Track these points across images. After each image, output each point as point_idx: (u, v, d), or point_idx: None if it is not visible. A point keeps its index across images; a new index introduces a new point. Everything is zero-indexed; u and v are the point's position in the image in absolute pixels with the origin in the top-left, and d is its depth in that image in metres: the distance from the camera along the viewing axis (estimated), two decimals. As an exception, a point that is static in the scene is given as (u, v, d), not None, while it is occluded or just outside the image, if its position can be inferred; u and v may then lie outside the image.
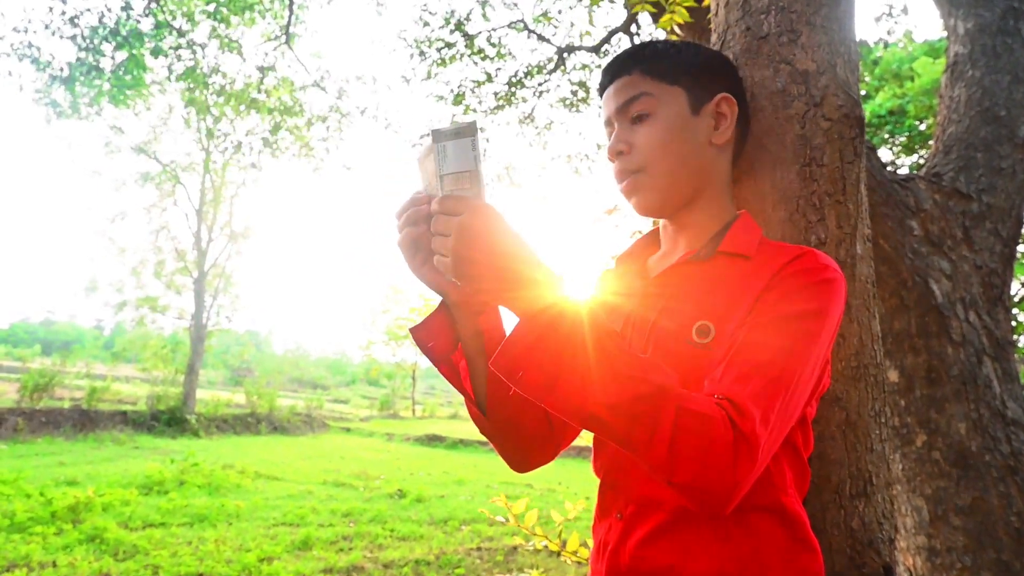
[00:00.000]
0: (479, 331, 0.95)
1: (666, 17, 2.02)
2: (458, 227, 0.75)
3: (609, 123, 1.03)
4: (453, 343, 0.96)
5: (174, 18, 7.01)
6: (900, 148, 9.34)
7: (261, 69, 7.78)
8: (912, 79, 8.86)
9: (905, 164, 9.42)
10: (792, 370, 0.78)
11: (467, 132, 0.79)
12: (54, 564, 4.59)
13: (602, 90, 1.05)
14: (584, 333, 0.73)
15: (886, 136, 9.00)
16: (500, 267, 0.75)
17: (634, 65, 1.00)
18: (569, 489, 10.25)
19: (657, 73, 0.98)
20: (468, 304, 0.93)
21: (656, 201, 0.99)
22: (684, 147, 0.97)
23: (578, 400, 0.73)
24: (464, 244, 0.75)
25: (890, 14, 6.79)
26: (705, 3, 1.91)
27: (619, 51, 1.11)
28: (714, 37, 1.26)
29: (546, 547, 1.94)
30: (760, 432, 0.72)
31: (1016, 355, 2.23)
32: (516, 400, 0.98)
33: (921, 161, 9.24)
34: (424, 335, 0.95)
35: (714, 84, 1.00)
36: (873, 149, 2.10)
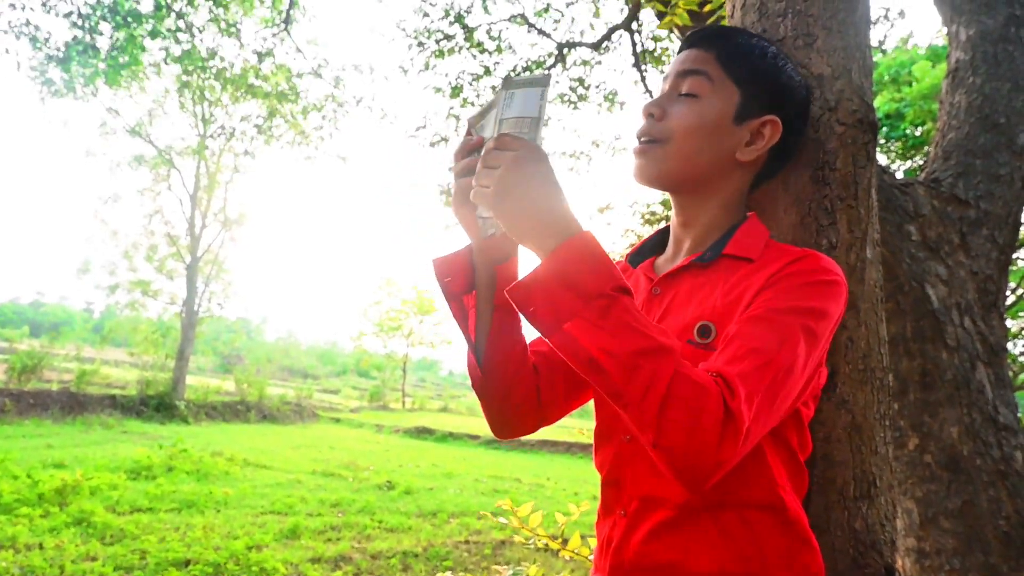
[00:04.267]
0: (493, 280, 0.97)
1: (667, 20, 2.03)
2: (511, 160, 0.77)
3: (665, 81, 1.03)
4: (469, 285, 0.99)
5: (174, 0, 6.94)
6: (895, 153, 9.39)
7: (259, 55, 7.73)
8: (910, 84, 8.90)
9: (900, 169, 9.47)
10: (783, 360, 0.78)
11: (541, 82, 0.82)
12: (40, 546, 4.57)
13: (681, 51, 1.04)
14: (599, 283, 0.75)
15: (882, 140, 9.04)
16: (537, 207, 0.77)
17: (714, 44, 1.00)
18: (558, 484, 10.29)
19: (729, 64, 0.98)
20: (491, 251, 0.95)
21: (653, 173, 0.99)
22: (707, 144, 0.97)
23: (582, 342, 0.73)
24: (510, 178, 0.77)
25: (886, 18, 6.80)
26: (706, 9, 1.91)
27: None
28: None
29: (545, 543, 1.95)
30: (745, 411, 0.72)
31: (1008, 361, 2.26)
32: (512, 363, 1.01)
33: (916, 166, 9.29)
34: (444, 269, 0.98)
35: (772, 103, 0.99)
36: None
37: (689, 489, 0.74)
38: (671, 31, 2.21)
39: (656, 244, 1.11)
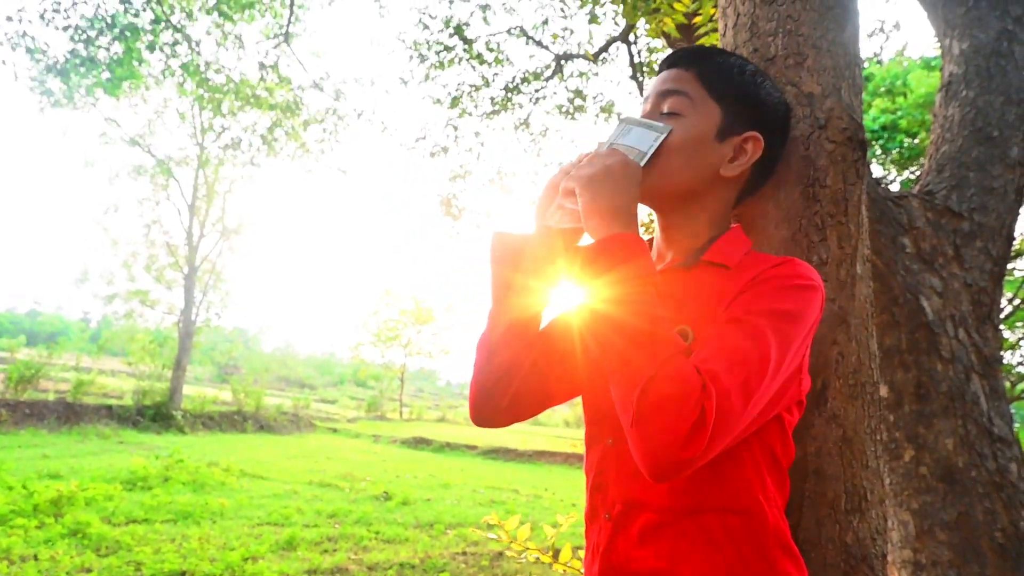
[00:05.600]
0: (528, 288, 1.04)
1: (653, 27, 2.06)
2: (605, 164, 0.90)
3: (645, 102, 1.05)
4: (516, 265, 1.05)
5: (172, 13, 6.97)
6: (892, 163, 9.44)
7: (262, 67, 7.75)
8: (905, 95, 8.95)
9: (896, 179, 9.52)
10: (756, 361, 0.80)
11: (660, 130, 0.94)
12: (35, 558, 4.55)
13: (659, 72, 1.07)
14: (638, 271, 0.84)
15: (878, 151, 9.09)
16: (616, 197, 0.88)
17: (694, 64, 1.02)
18: (555, 495, 10.26)
19: (708, 82, 1.00)
20: (544, 255, 1.02)
21: (641, 190, 1.00)
22: (691, 161, 0.98)
23: (605, 311, 0.83)
24: (601, 176, 0.89)
25: (882, 30, 6.84)
26: (696, 20, 1.93)
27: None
28: None
29: (537, 557, 1.94)
30: (711, 412, 0.74)
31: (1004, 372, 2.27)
32: (523, 349, 1.06)
33: (912, 177, 9.33)
34: (502, 240, 1.05)
35: (753, 120, 1.01)
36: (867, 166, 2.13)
37: (652, 478, 0.77)
38: (658, 37, 2.23)
39: None
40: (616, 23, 6.10)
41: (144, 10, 6.64)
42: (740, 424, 0.79)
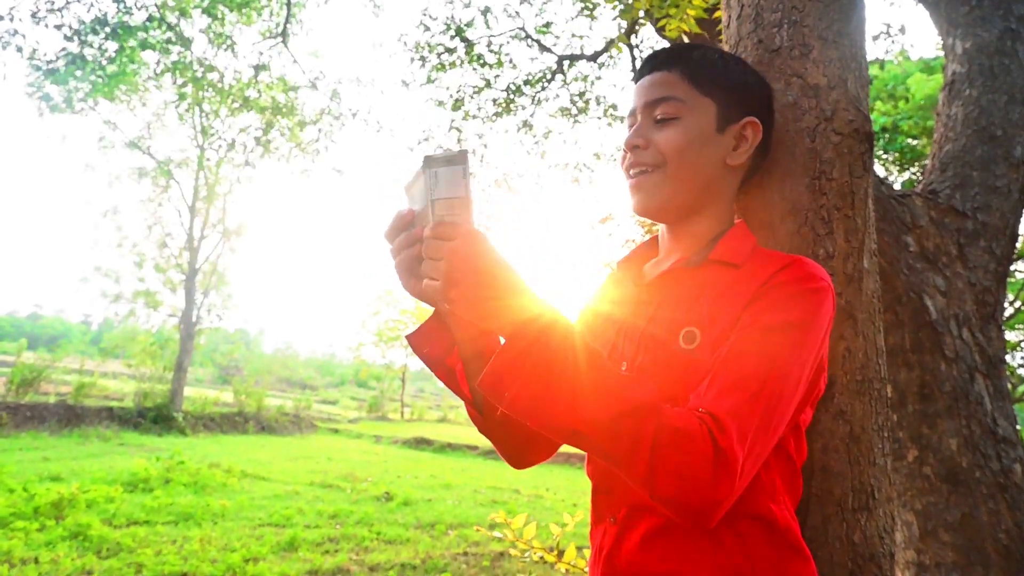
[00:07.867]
0: (477, 333, 0.97)
1: (673, 24, 2.04)
2: (449, 252, 0.78)
3: (633, 114, 1.03)
4: (448, 348, 0.99)
5: (165, 9, 6.95)
6: (893, 164, 9.43)
7: (256, 67, 7.74)
8: (906, 98, 8.95)
9: (897, 180, 9.51)
10: (774, 384, 0.79)
11: (458, 160, 0.81)
12: (36, 560, 4.55)
13: (638, 79, 1.05)
14: (566, 352, 0.75)
15: (879, 152, 9.08)
16: (488, 291, 0.77)
17: (676, 64, 1.00)
18: (556, 495, 10.24)
19: (695, 79, 0.99)
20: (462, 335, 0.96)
21: (656, 203, 0.99)
22: (700, 159, 0.98)
23: (562, 418, 0.74)
24: (455, 269, 0.77)
25: (888, 33, 6.82)
26: (716, 15, 1.92)
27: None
28: (725, 49, 1.27)
29: (541, 556, 1.93)
30: (738, 449, 0.73)
31: (1007, 373, 2.25)
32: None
33: (913, 178, 9.32)
34: (419, 341, 0.98)
35: (746, 105, 1.01)
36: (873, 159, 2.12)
37: (697, 528, 0.75)
38: (677, 39, 2.21)
39: (646, 251, 1.11)
40: (618, 26, 6.10)
41: (139, 8, 6.62)
42: (766, 452, 0.79)
